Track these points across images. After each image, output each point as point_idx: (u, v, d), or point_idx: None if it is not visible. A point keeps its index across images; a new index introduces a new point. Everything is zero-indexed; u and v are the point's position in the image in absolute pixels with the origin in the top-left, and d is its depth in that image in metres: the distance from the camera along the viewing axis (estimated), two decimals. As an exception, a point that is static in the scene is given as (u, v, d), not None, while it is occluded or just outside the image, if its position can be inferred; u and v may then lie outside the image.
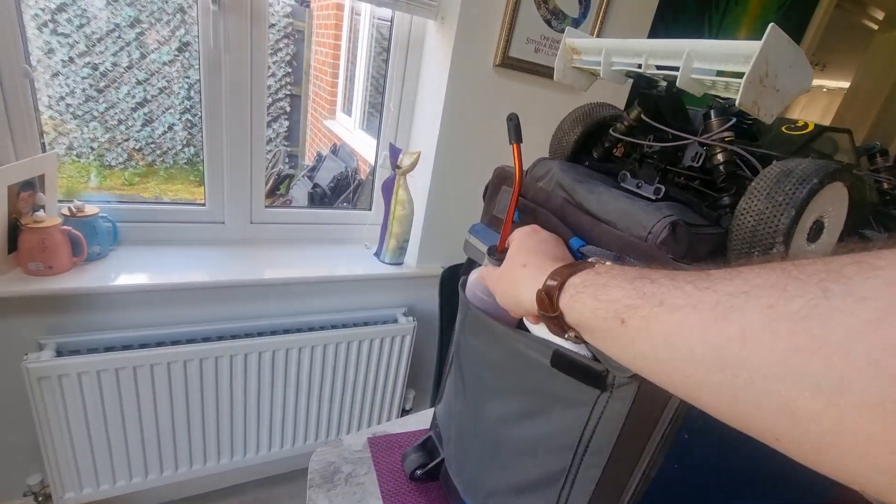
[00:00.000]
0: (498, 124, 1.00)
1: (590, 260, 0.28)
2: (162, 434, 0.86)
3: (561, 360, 0.29)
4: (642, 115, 0.33)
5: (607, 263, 0.23)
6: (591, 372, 0.28)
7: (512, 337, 0.32)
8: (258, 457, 0.98)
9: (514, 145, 0.34)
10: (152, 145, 3.05)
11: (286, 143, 3.47)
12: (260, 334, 0.88)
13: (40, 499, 0.85)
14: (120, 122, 2.96)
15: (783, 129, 0.37)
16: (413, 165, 0.93)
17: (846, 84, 2.36)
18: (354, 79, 2.38)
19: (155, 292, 0.82)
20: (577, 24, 1.00)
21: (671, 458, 0.27)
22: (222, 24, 0.83)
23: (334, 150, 2.49)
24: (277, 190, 2.19)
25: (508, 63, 0.94)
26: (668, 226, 0.26)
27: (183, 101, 3.00)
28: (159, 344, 0.81)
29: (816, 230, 0.26)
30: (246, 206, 0.96)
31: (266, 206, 1.00)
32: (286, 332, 0.91)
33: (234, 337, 0.86)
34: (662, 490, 0.28)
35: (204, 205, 0.93)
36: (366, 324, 0.99)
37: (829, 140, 0.37)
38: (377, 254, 1.04)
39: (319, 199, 2.00)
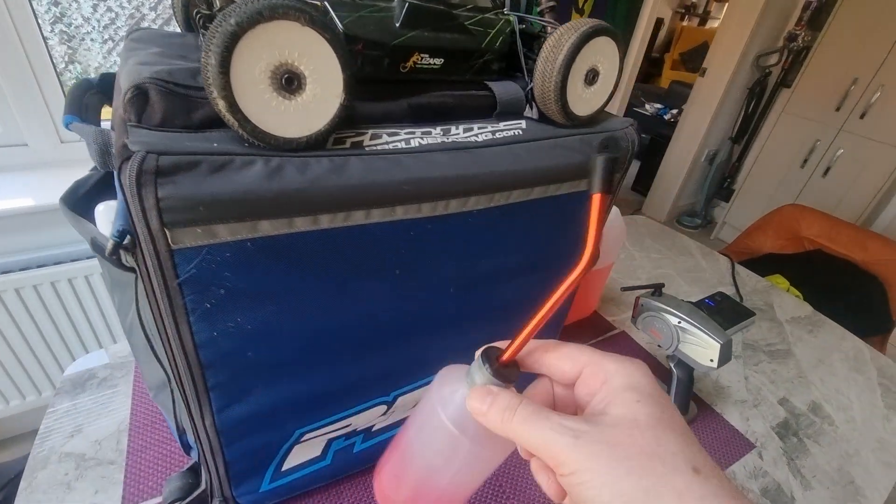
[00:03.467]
0: None
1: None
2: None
3: (98, 248, 0.28)
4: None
5: None
6: (116, 257, 0.27)
7: (85, 229, 0.31)
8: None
9: (599, 195, 0.22)
10: None
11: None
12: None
13: None
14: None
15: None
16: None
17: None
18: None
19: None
20: None
21: (204, 325, 0.27)
22: None
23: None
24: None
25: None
26: (132, 88, 0.24)
27: None
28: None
29: (289, 82, 0.24)
30: (48, 124, 0.88)
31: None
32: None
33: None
34: (224, 357, 0.29)
35: (-6, 126, 0.85)
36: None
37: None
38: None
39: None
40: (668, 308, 0.51)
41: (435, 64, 0.32)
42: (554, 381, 0.25)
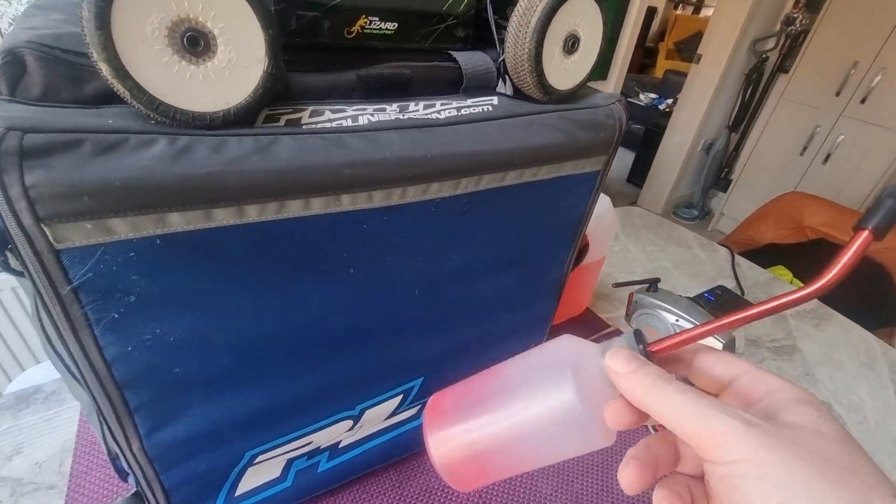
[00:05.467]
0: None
1: None
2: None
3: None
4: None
5: None
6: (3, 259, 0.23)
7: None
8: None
9: (869, 234, 0.18)
10: None
11: None
12: None
13: None
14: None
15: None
16: None
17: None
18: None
19: None
20: None
21: (114, 338, 0.23)
22: None
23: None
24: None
25: None
26: (3, 54, 0.20)
27: None
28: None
29: (193, 42, 0.20)
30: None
31: None
32: None
33: None
34: (145, 374, 0.25)
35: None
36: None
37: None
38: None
39: None
40: (665, 305, 0.47)
41: (387, 29, 0.28)
42: None
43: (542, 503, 0.44)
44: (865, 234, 0.18)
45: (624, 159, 2.91)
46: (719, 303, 0.72)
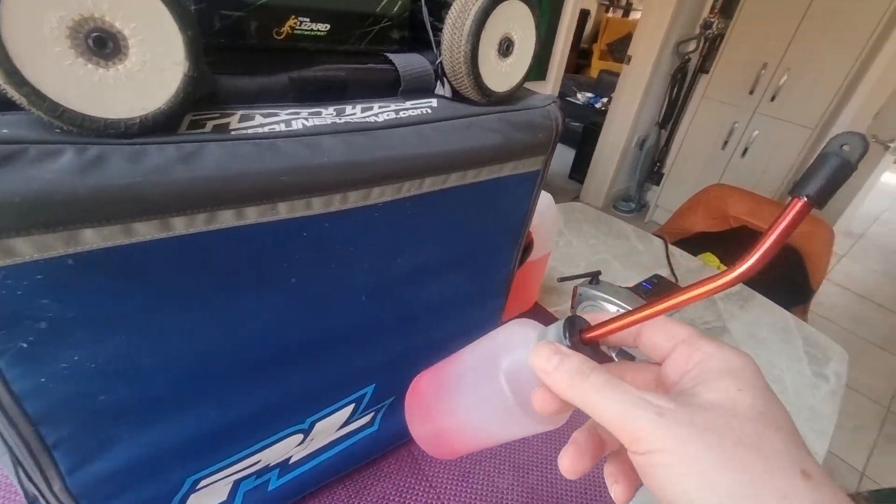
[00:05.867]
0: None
1: None
2: None
3: None
4: None
5: None
6: None
7: None
8: None
9: (804, 203, 0.15)
10: None
11: None
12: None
13: None
14: None
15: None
16: None
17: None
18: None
19: None
20: None
21: (23, 370, 0.21)
22: None
23: None
24: None
25: None
26: None
27: None
28: None
29: (101, 43, 0.18)
30: None
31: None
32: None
33: None
34: (64, 406, 0.23)
35: None
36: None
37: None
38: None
39: None
40: (606, 296, 0.49)
41: (319, 30, 0.27)
42: (629, 370, 0.24)
43: (499, 496, 0.44)
44: (802, 202, 0.15)
45: (565, 156, 3.02)
46: (655, 291, 0.76)
